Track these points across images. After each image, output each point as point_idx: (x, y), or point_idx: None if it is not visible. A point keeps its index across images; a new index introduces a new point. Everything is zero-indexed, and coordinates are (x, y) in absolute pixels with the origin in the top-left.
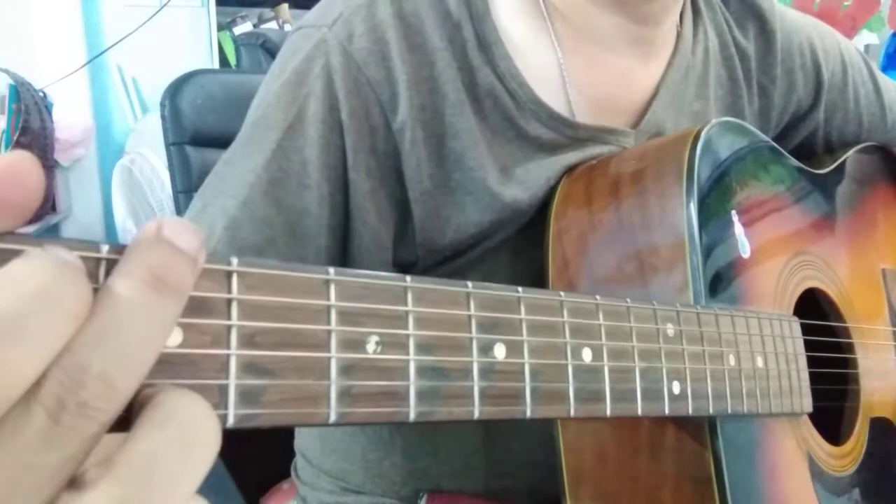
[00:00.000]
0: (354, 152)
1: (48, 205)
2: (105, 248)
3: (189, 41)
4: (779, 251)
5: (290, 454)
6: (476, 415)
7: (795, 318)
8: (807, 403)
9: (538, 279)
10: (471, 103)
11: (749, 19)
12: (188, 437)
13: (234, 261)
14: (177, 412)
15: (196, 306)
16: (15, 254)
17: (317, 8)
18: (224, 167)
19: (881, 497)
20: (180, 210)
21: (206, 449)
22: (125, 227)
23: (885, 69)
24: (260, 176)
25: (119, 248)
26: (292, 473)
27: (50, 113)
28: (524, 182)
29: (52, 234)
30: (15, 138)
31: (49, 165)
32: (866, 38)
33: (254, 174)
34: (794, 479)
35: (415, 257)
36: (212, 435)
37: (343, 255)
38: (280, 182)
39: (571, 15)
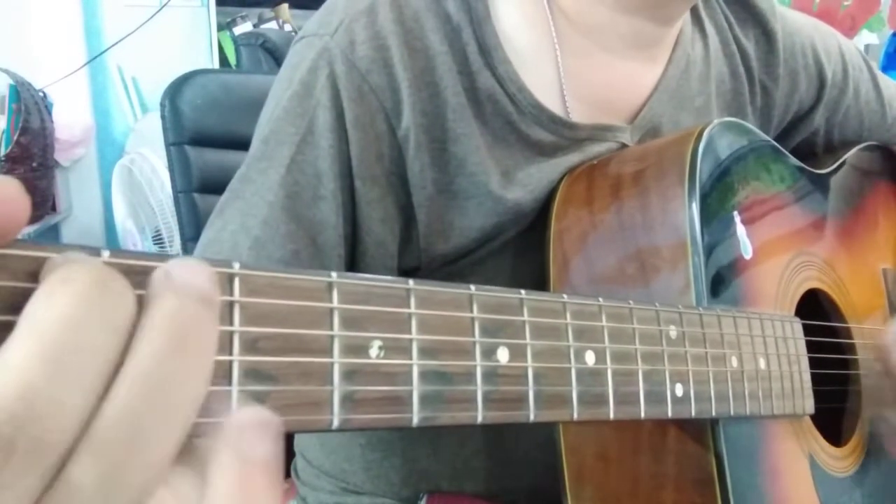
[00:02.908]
0: (360, 160)
1: (48, 205)
2: (106, 253)
3: (189, 41)
4: (780, 252)
5: (290, 454)
6: (479, 419)
7: (797, 319)
8: (809, 405)
9: (540, 280)
10: (471, 108)
11: (749, 19)
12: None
13: (236, 265)
14: None
15: None
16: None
17: (318, 15)
18: (240, 185)
19: (882, 498)
20: (180, 210)
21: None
22: (125, 227)
23: (885, 69)
24: (277, 193)
25: (120, 253)
26: (292, 474)
27: (50, 113)
28: (526, 185)
29: (52, 234)
30: (15, 138)
31: (49, 165)
32: (866, 38)
33: (271, 192)
34: (796, 480)
35: (418, 263)
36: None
37: (351, 263)
38: (297, 196)
39: (583, 19)
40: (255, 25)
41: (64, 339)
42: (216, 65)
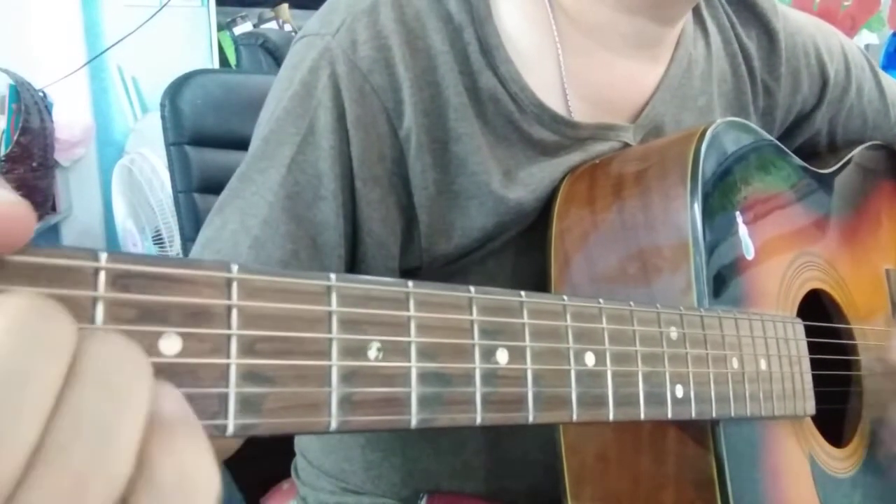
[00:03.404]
0: (361, 161)
1: (48, 205)
2: (104, 256)
3: (189, 41)
4: (782, 252)
5: (290, 454)
6: (478, 421)
7: (799, 320)
8: (810, 406)
9: (541, 279)
10: (473, 107)
11: (751, 19)
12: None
13: (234, 267)
14: None
15: (196, 313)
16: None
17: (318, 14)
18: (240, 184)
19: (883, 499)
20: (180, 210)
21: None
22: (125, 227)
23: (885, 69)
24: (277, 193)
25: (118, 257)
26: (292, 473)
27: (50, 113)
28: (528, 185)
29: (52, 234)
30: (15, 138)
31: (49, 165)
32: (866, 38)
33: (271, 192)
34: (796, 481)
35: (420, 262)
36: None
37: (352, 263)
38: (297, 196)
39: (585, 18)
40: (255, 25)
41: (5, 371)
42: (216, 65)
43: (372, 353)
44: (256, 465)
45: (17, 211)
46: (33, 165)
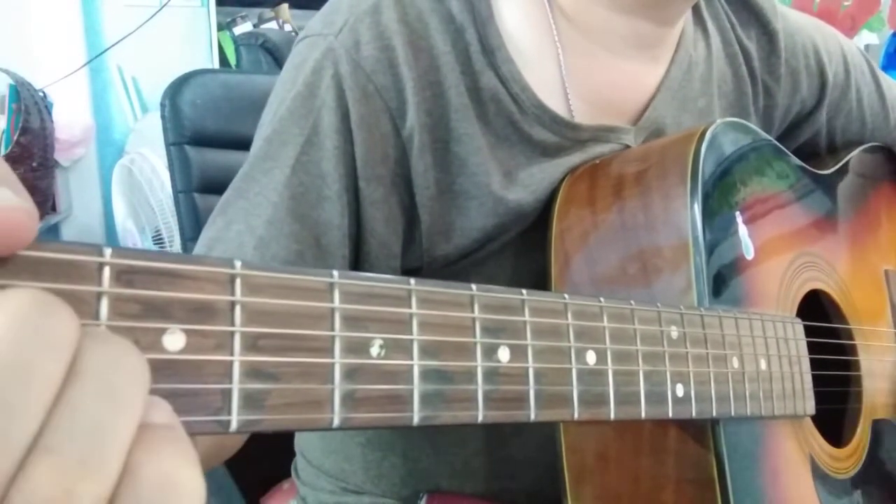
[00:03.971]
0: (364, 161)
1: (48, 205)
2: (108, 251)
3: (189, 41)
4: (782, 252)
5: (290, 454)
6: (480, 419)
7: (798, 320)
8: (809, 406)
9: (541, 280)
10: (474, 108)
11: (751, 19)
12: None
13: (238, 264)
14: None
15: (199, 309)
16: None
17: (320, 15)
18: (244, 184)
19: (883, 499)
20: (180, 210)
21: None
22: (125, 227)
23: (885, 69)
24: (282, 194)
25: (123, 252)
26: (292, 473)
27: (50, 113)
28: (528, 185)
29: (52, 234)
30: (15, 138)
31: (49, 165)
32: (866, 38)
33: (276, 192)
34: (796, 481)
35: (420, 263)
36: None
37: (355, 263)
38: (302, 197)
39: (582, 19)
40: (255, 25)
41: (6, 366)
42: (216, 65)
43: (374, 351)
44: (256, 465)
45: (18, 215)
46: (33, 165)
